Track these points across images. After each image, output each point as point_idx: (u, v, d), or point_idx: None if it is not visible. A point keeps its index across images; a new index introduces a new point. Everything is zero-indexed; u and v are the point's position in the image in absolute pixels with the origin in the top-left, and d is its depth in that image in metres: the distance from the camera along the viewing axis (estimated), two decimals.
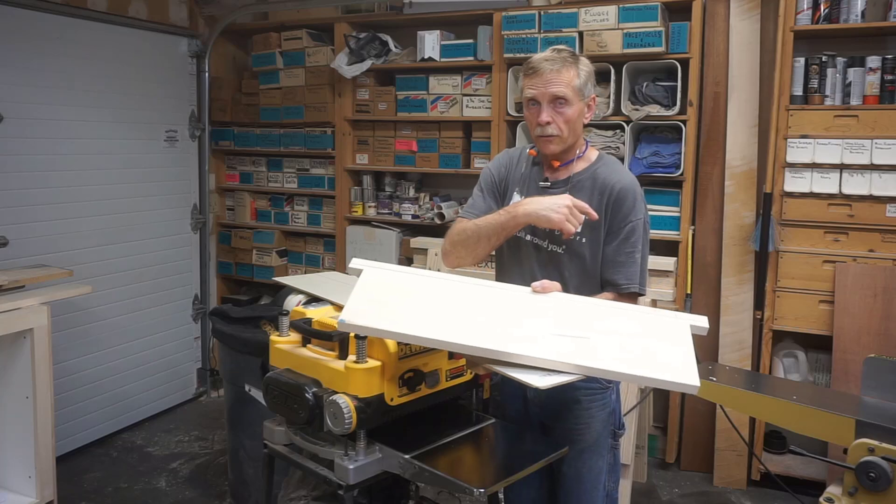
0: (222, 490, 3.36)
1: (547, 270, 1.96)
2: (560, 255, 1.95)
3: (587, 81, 1.93)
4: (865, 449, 1.73)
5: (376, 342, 1.66)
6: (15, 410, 2.80)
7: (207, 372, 4.56)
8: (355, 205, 4.23)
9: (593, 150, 2.06)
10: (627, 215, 1.91)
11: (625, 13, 3.32)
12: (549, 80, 1.89)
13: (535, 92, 1.92)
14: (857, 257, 3.16)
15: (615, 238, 1.92)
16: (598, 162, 2.01)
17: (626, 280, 1.90)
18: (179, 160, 4.33)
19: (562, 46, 1.99)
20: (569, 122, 1.91)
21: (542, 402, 2.03)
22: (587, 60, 1.98)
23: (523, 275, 1.98)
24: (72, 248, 3.64)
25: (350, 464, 1.64)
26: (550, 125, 1.91)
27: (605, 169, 1.98)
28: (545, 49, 3.53)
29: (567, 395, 1.98)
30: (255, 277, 4.55)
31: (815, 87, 3.21)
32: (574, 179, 1.98)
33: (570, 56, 1.92)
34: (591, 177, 1.97)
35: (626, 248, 1.91)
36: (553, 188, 1.98)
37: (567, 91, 1.89)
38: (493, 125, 3.72)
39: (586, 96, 1.94)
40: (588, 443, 2.01)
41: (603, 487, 2.05)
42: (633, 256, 1.91)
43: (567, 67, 1.90)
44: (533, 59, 1.94)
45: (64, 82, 3.60)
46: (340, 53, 4.02)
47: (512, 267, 2.06)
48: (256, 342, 2.78)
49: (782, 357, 3.40)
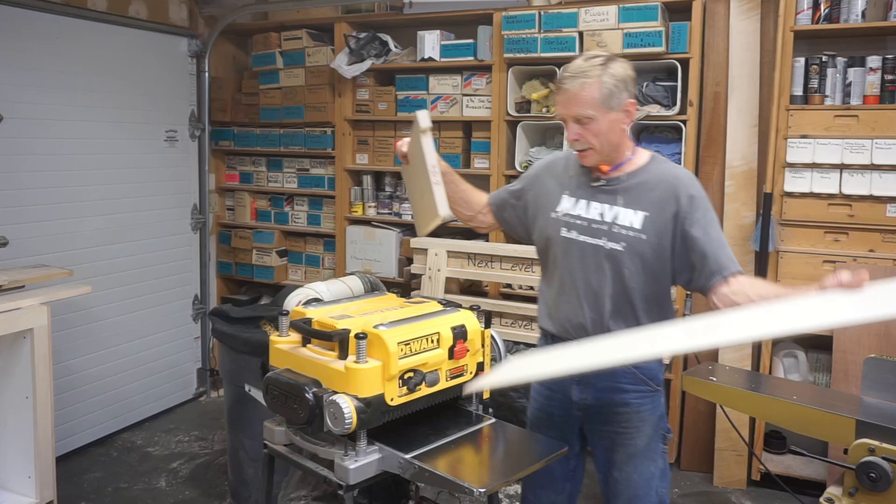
0: (222, 490, 3.36)
1: (601, 270, 1.90)
2: (620, 253, 1.87)
3: (614, 90, 1.83)
4: (866, 449, 1.73)
5: (376, 342, 1.66)
6: (15, 410, 2.80)
7: (207, 372, 4.56)
8: (355, 205, 4.23)
9: (644, 152, 1.99)
10: (701, 202, 1.86)
11: (625, 13, 3.32)
12: (568, 99, 1.85)
13: (559, 111, 1.90)
14: (857, 257, 3.16)
15: (698, 226, 1.84)
16: (653, 161, 1.96)
17: (728, 261, 1.83)
18: (179, 160, 4.33)
19: (595, 52, 1.93)
20: (598, 135, 1.86)
21: (589, 405, 1.97)
22: (621, 64, 1.88)
23: (575, 275, 1.93)
24: (72, 248, 3.64)
25: (350, 464, 1.64)
26: (579, 141, 1.87)
27: (663, 166, 1.95)
28: (545, 49, 3.51)
29: (615, 398, 1.94)
30: (255, 277, 4.55)
31: (815, 87, 3.21)
32: (628, 178, 1.92)
33: (596, 67, 1.84)
34: (651, 174, 1.92)
35: (714, 232, 1.85)
36: (608, 185, 1.93)
37: (587, 110, 1.83)
38: (493, 125, 3.72)
39: (615, 107, 1.85)
40: (639, 447, 1.95)
41: (655, 493, 1.98)
42: (722, 240, 1.87)
43: (589, 83, 1.82)
44: (561, 73, 1.90)
45: (64, 82, 3.59)
46: (340, 53, 4.02)
47: (564, 270, 1.97)
48: (256, 342, 2.78)
49: (782, 357, 3.40)
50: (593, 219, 1.92)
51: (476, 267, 3.58)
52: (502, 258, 3.50)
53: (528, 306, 3.48)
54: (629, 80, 1.88)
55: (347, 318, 1.80)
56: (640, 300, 1.89)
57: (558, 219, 1.97)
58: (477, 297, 3.68)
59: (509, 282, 3.58)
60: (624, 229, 1.87)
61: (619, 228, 1.88)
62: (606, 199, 1.92)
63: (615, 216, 1.89)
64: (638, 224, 1.87)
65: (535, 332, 3.44)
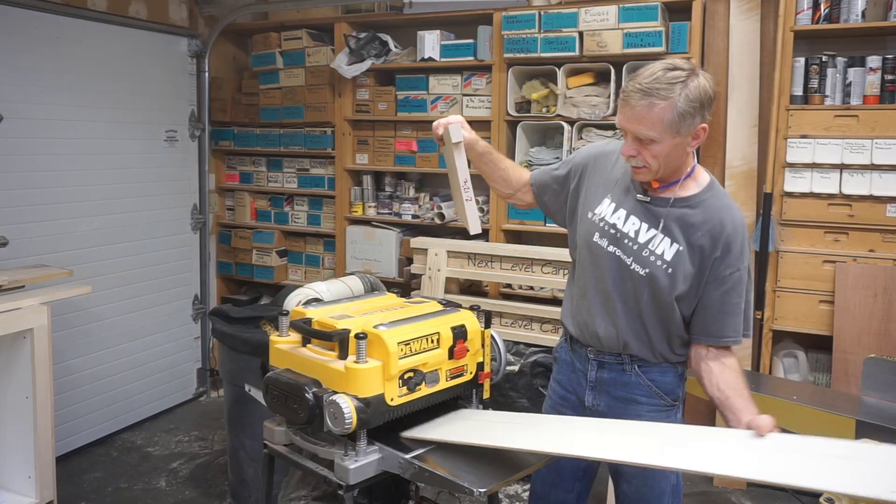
0: (222, 490, 3.36)
1: (623, 286, 1.83)
2: (641, 277, 1.79)
3: (685, 114, 1.64)
4: None
5: (376, 342, 1.66)
6: (15, 410, 2.80)
7: (207, 372, 4.56)
8: (355, 205, 4.23)
9: (704, 173, 1.84)
10: (737, 262, 1.76)
11: (625, 13, 3.32)
12: (633, 116, 1.68)
13: (622, 123, 1.73)
14: (857, 257, 3.16)
15: (721, 285, 1.76)
16: (709, 190, 1.80)
17: (733, 332, 1.77)
18: (179, 160, 4.33)
19: (675, 63, 1.69)
20: (657, 157, 1.70)
21: (601, 412, 1.93)
22: (702, 82, 1.66)
23: (603, 283, 1.86)
24: (72, 248, 3.64)
25: (350, 464, 1.64)
26: (635, 158, 1.73)
27: (717, 202, 1.79)
28: (545, 49, 3.47)
29: (628, 409, 1.89)
30: (255, 277, 4.55)
31: (815, 87, 3.21)
32: (678, 203, 1.78)
33: (669, 85, 1.64)
34: (701, 207, 1.78)
35: (734, 297, 1.77)
36: (652, 204, 1.80)
37: (652, 132, 1.67)
38: (494, 125, 3.72)
39: (684, 131, 1.67)
40: None
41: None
42: (740, 307, 1.78)
43: (660, 102, 1.64)
44: (628, 84, 1.70)
45: (64, 82, 3.59)
46: (340, 53, 4.02)
47: (588, 275, 1.91)
48: (256, 342, 2.78)
49: (782, 357, 3.40)
50: (627, 233, 1.82)
51: (476, 267, 3.58)
52: (502, 258, 3.50)
53: (528, 306, 3.48)
54: (707, 101, 1.68)
55: (347, 318, 1.80)
56: (653, 327, 1.83)
57: (594, 222, 1.88)
58: (477, 297, 3.68)
59: (509, 282, 3.58)
60: (653, 256, 1.78)
61: (648, 253, 1.79)
62: (647, 217, 1.81)
63: (649, 239, 1.79)
64: (669, 256, 1.77)
65: (535, 332, 3.45)
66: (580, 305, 1.94)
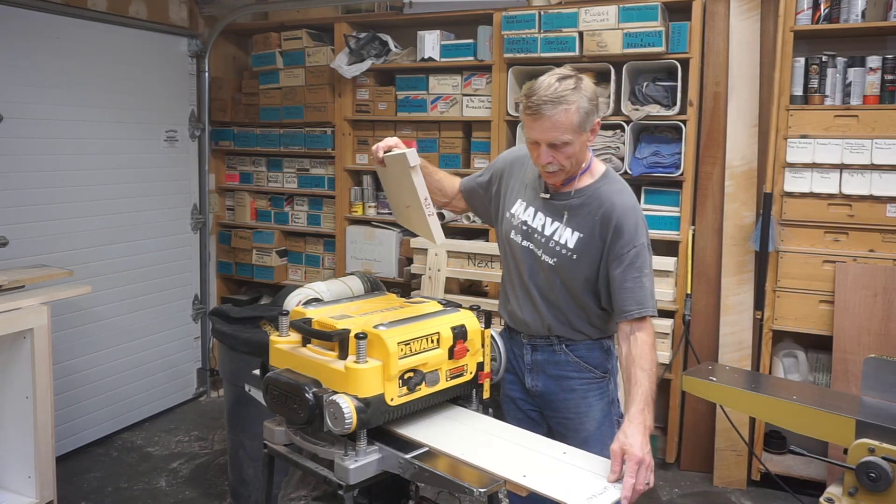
0: (222, 490, 3.36)
1: (537, 275, 2.04)
2: (550, 266, 2.00)
3: (588, 112, 1.84)
4: (866, 449, 1.73)
5: (376, 342, 1.66)
6: (15, 410, 2.80)
7: (207, 372, 4.56)
8: (355, 205, 4.23)
9: (599, 164, 2.04)
10: (631, 240, 1.91)
11: (625, 13, 3.33)
12: (550, 126, 1.83)
13: (533, 135, 1.88)
14: (857, 257, 3.16)
15: (620, 264, 1.91)
16: (602, 179, 1.99)
17: (638, 306, 1.89)
18: (179, 160, 4.33)
19: (564, 72, 1.86)
20: (571, 157, 1.89)
21: (540, 392, 2.10)
22: (588, 84, 1.86)
23: (521, 275, 2.08)
24: (72, 248, 3.64)
25: (350, 464, 1.64)
26: (552, 163, 1.89)
27: (609, 188, 1.97)
28: (545, 49, 3.50)
29: (563, 384, 2.07)
30: (255, 277, 4.55)
31: (815, 87, 3.21)
32: (576, 195, 1.98)
33: (570, 90, 1.81)
34: (595, 195, 1.96)
35: (633, 272, 1.90)
36: (555, 199, 2.00)
37: (565, 136, 1.84)
38: (493, 125, 3.72)
39: (587, 128, 1.87)
40: (590, 432, 2.05)
41: None
42: (641, 281, 1.90)
43: (566, 108, 1.80)
44: (532, 98, 1.84)
45: (64, 82, 3.60)
46: (340, 53, 4.02)
47: (511, 268, 2.13)
48: (256, 342, 2.78)
49: (782, 357, 3.40)
50: (536, 228, 2.02)
51: (476, 267, 3.58)
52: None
53: None
54: (597, 98, 1.90)
55: (347, 318, 1.80)
56: (569, 309, 2.01)
57: (510, 221, 2.08)
58: (477, 297, 3.68)
59: None
60: (559, 246, 1.97)
61: (554, 244, 1.98)
62: (552, 212, 2.00)
63: (554, 231, 1.99)
64: (571, 244, 1.96)
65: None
66: (509, 296, 2.15)
